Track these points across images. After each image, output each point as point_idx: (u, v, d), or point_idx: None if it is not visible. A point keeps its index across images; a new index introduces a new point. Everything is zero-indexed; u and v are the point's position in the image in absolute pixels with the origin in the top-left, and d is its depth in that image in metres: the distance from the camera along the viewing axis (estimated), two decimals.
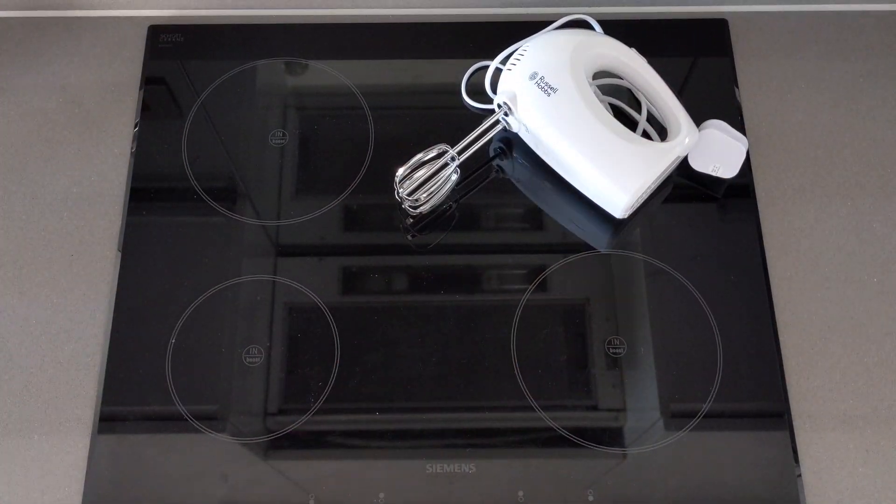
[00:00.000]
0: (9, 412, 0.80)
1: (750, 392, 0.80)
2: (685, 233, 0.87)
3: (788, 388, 0.81)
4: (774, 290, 0.85)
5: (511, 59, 0.87)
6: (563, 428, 0.79)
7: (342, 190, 0.88)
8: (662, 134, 0.89)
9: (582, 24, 0.95)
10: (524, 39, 0.92)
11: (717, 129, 0.88)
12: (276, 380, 0.81)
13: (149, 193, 0.89)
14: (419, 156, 0.84)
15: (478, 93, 0.93)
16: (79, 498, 0.77)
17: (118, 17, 0.98)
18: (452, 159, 0.85)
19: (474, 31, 0.97)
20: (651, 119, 0.91)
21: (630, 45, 0.87)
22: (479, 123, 0.86)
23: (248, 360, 0.82)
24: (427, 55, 0.96)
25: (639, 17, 0.98)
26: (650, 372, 0.81)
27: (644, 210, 0.88)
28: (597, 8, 0.97)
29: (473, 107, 0.93)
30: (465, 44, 0.96)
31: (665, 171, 0.84)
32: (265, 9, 0.97)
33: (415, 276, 0.86)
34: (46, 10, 0.98)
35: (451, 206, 0.89)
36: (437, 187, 0.84)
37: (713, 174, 0.87)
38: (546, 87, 0.83)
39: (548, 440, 0.79)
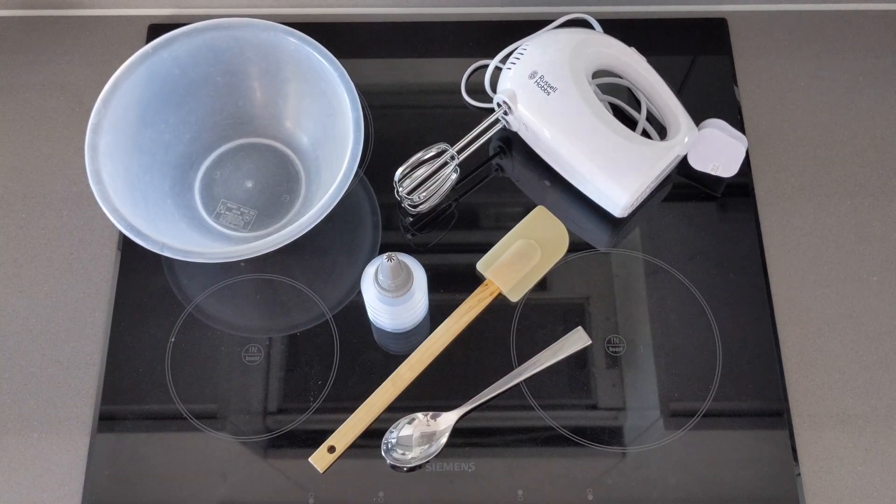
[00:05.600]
0: (8, 411, 0.80)
1: (749, 391, 0.80)
2: (685, 232, 0.87)
3: (788, 387, 0.81)
4: (774, 289, 0.85)
5: (511, 58, 0.87)
6: (563, 427, 0.79)
7: None
8: (662, 133, 0.89)
9: (581, 23, 0.95)
10: (524, 38, 0.92)
11: (717, 128, 0.88)
12: (276, 378, 0.81)
13: None
14: (419, 154, 0.84)
15: (477, 91, 0.93)
16: (78, 497, 0.77)
17: (118, 17, 0.98)
18: (452, 158, 0.85)
19: (474, 30, 0.97)
20: (651, 118, 0.91)
21: (630, 44, 0.87)
22: (479, 122, 0.86)
23: (247, 358, 0.82)
24: (427, 54, 0.96)
25: (638, 16, 0.98)
26: (650, 371, 0.81)
27: (644, 209, 0.88)
28: (596, 7, 0.97)
29: (473, 105, 0.93)
30: (465, 43, 0.96)
31: (665, 170, 0.84)
32: (264, 8, 0.98)
33: None
34: (46, 9, 0.98)
35: (450, 205, 0.89)
36: (437, 186, 0.84)
37: (713, 173, 0.87)
38: (546, 86, 0.83)
39: (547, 439, 0.79)
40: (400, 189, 0.84)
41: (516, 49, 0.88)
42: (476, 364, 0.81)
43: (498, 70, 0.92)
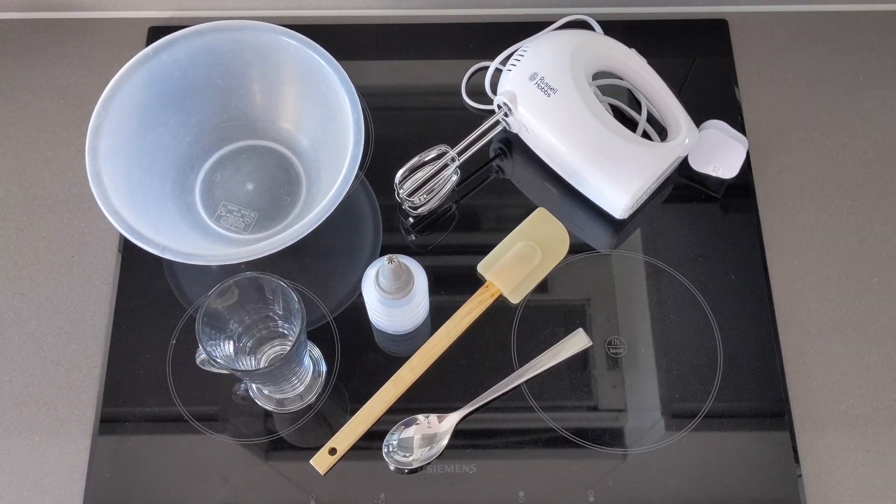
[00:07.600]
0: (10, 413, 0.81)
1: (750, 392, 0.80)
2: (685, 233, 0.87)
3: (789, 388, 0.81)
4: (774, 290, 0.85)
5: (511, 60, 0.87)
6: (564, 428, 0.79)
7: None
8: (662, 134, 0.89)
9: (582, 25, 0.95)
10: (524, 40, 0.92)
11: (718, 130, 0.88)
12: None
13: None
14: (419, 156, 0.84)
15: (478, 93, 0.93)
16: (80, 499, 0.77)
17: (118, 19, 0.98)
18: (452, 160, 0.85)
19: (474, 31, 0.97)
20: (651, 119, 0.91)
21: (630, 46, 0.87)
22: (480, 124, 0.86)
23: None
24: (427, 56, 0.96)
25: (639, 18, 0.98)
26: (651, 372, 0.81)
27: (644, 210, 0.88)
28: (597, 8, 0.97)
29: (473, 107, 0.93)
30: (465, 44, 0.96)
31: (665, 171, 0.84)
32: (264, 10, 0.98)
33: None
34: (47, 11, 0.98)
35: (451, 207, 0.89)
36: (438, 188, 0.84)
37: (713, 174, 0.87)
38: (546, 88, 0.83)
39: (548, 441, 0.79)
40: (400, 191, 0.84)
41: (517, 51, 0.88)
42: (477, 366, 0.81)
43: (498, 72, 0.92)
